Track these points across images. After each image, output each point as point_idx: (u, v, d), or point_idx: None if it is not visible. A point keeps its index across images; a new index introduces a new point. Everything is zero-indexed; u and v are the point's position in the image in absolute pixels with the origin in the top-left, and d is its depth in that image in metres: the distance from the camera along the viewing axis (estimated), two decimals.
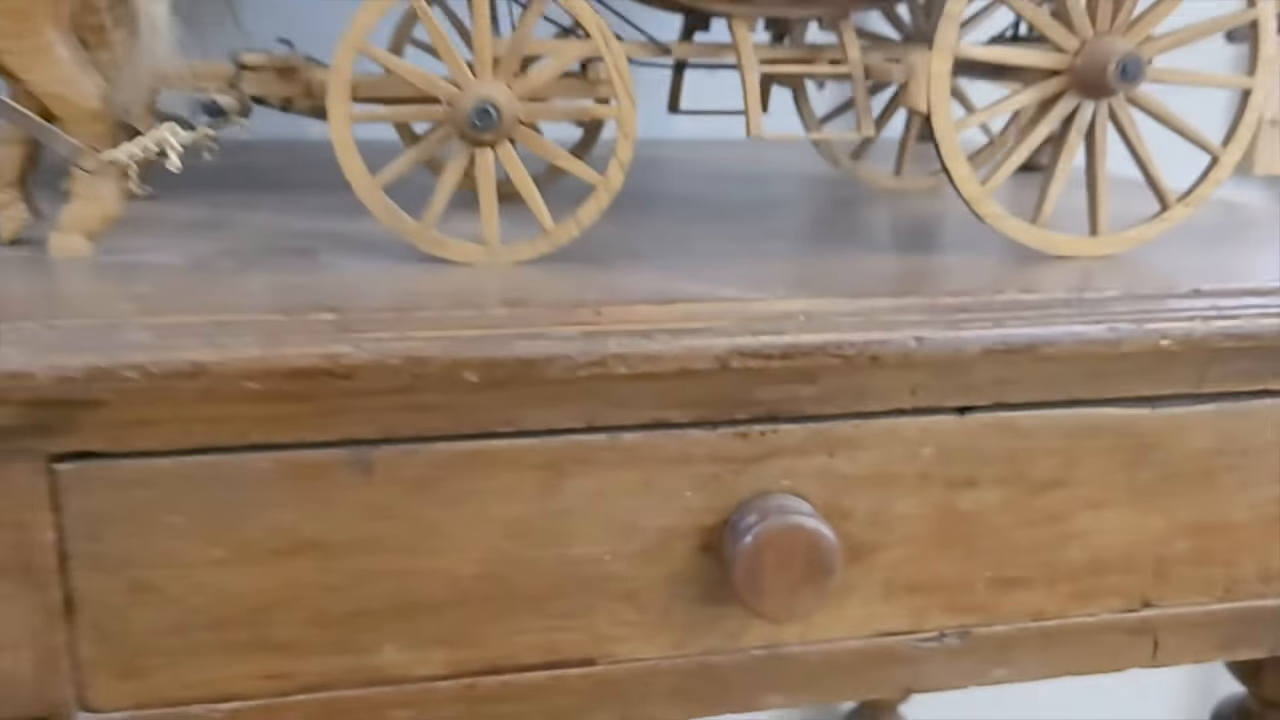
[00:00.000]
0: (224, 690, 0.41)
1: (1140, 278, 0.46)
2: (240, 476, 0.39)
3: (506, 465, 0.41)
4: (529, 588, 0.42)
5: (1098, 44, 0.46)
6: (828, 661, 0.46)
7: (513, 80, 0.43)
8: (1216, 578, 0.49)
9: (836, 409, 0.43)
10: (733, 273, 0.45)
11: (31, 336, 0.36)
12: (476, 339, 0.38)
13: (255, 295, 0.40)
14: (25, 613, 0.38)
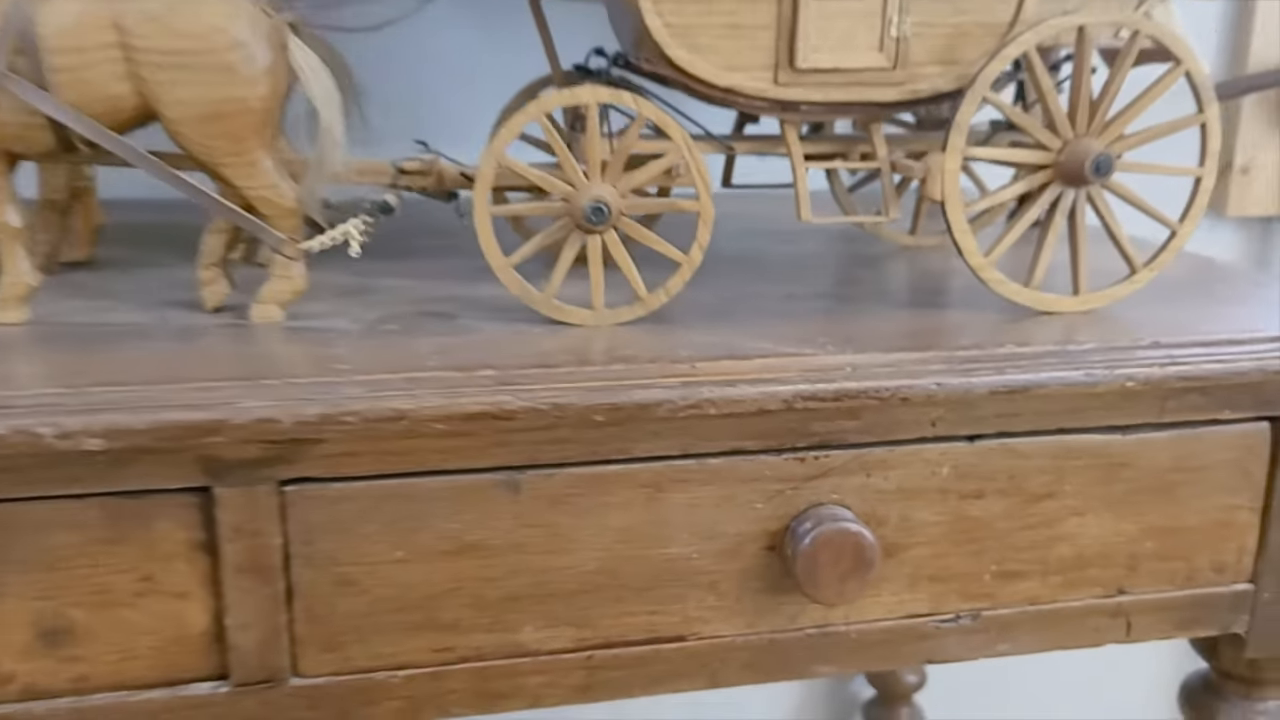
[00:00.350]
0: (401, 661, 0.53)
1: (1112, 330, 0.58)
2: (419, 495, 0.51)
3: (620, 484, 0.52)
4: (635, 580, 0.54)
5: (1077, 145, 0.58)
6: (866, 638, 0.58)
7: (617, 181, 0.56)
8: (1178, 570, 0.61)
9: (873, 438, 0.55)
10: (791, 331, 0.57)
11: (272, 390, 0.48)
12: (603, 389, 0.50)
13: (425, 355, 0.52)
14: (257, 600, 0.50)
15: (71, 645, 0.49)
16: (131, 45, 0.51)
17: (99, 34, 0.51)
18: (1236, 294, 0.68)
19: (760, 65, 0.58)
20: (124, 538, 0.49)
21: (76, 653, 0.49)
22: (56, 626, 0.49)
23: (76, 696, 0.50)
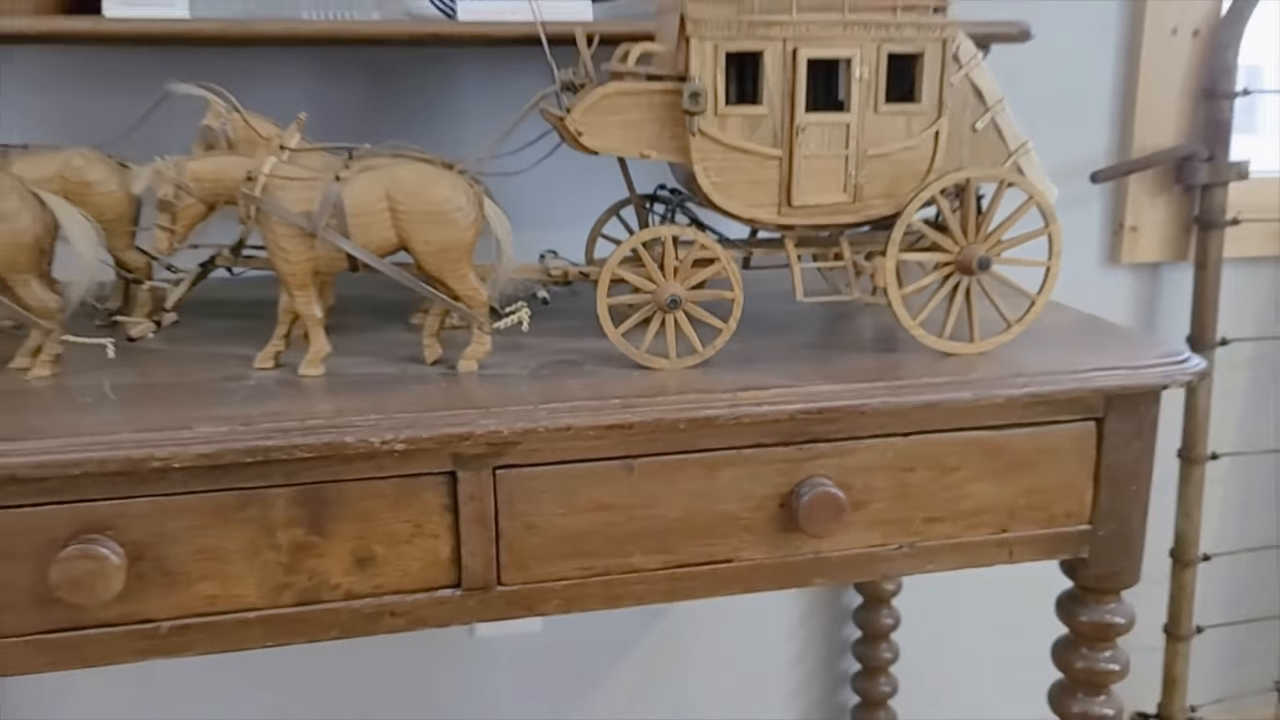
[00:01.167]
0: (560, 575, 0.87)
1: (993, 365, 0.93)
2: (574, 474, 0.85)
3: (691, 466, 0.87)
4: (700, 524, 0.88)
5: (968, 249, 0.93)
6: (844, 560, 0.92)
7: (684, 281, 0.90)
8: (1041, 516, 0.96)
9: (844, 435, 0.89)
10: (792, 368, 0.91)
11: (491, 414, 0.82)
12: (681, 408, 0.84)
13: (574, 390, 0.87)
14: (479, 540, 0.84)
15: (373, 567, 0.84)
16: (396, 209, 0.86)
17: (378, 203, 0.86)
18: (1079, 339, 1.02)
19: (769, 203, 0.93)
20: (405, 503, 0.83)
21: (376, 571, 0.84)
22: (366, 556, 0.84)
23: (374, 598, 0.84)
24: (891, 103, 0.93)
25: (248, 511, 0.81)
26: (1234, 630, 1.68)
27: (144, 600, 0.81)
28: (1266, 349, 1.60)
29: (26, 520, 0.77)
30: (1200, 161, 1.45)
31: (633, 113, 0.91)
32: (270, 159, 0.87)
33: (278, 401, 0.83)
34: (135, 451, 0.76)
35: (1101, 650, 1.03)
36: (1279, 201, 1.53)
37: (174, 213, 0.86)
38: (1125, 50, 1.45)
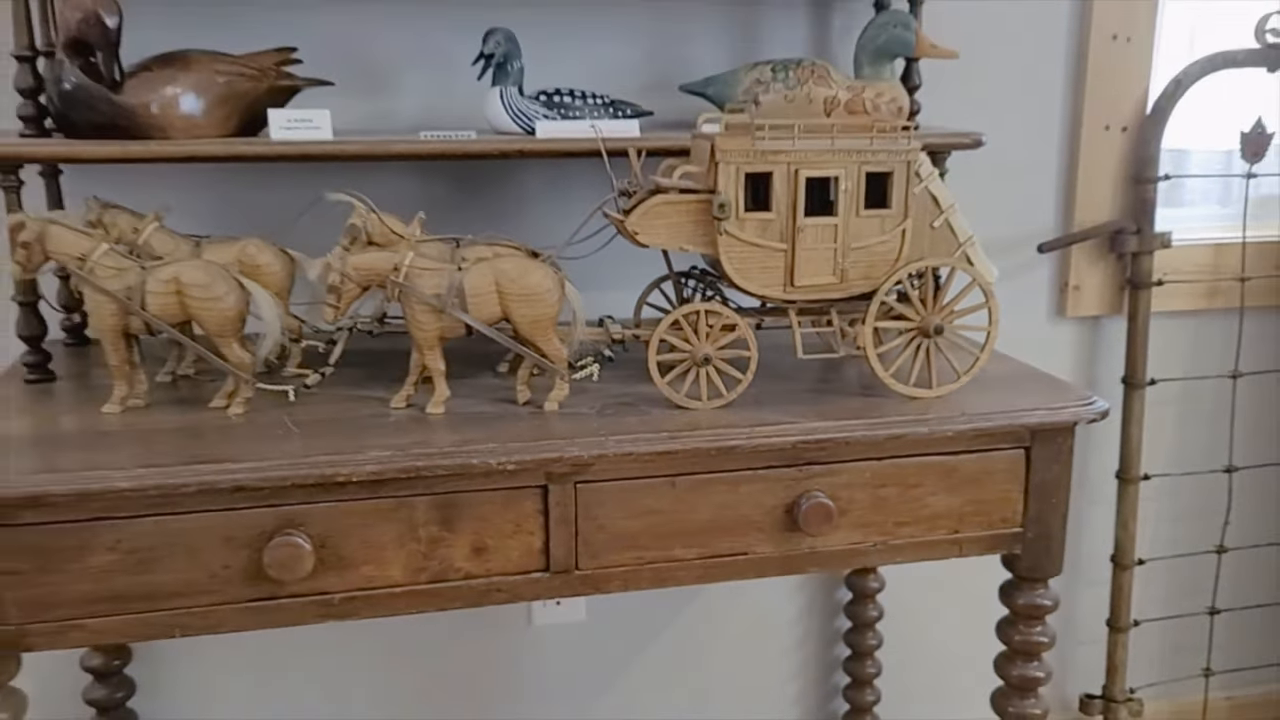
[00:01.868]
0: (620, 563, 1.17)
1: (947, 406, 1.23)
2: (633, 488, 1.15)
3: (719, 482, 1.17)
4: (724, 525, 1.19)
5: (927, 318, 1.24)
6: (833, 554, 1.22)
7: (714, 343, 1.21)
8: (983, 521, 1.26)
9: (834, 459, 1.20)
10: (794, 409, 1.21)
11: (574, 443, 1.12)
12: (713, 439, 1.15)
13: (632, 425, 1.17)
14: (562, 536, 1.15)
15: (486, 556, 1.14)
16: (502, 291, 1.17)
17: (488, 287, 1.17)
18: (1013, 386, 1.32)
19: (777, 283, 1.23)
20: (510, 508, 1.13)
21: (488, 558, 1.14)
22: (481, 547, 1.14)
23: (485, 578, 1.15)
24: (869, 209, 1.23)
25: (398, 514, 1.11)
26: (1166, 624, 1.98)
27: (323, 578, 1.11)
28: (1189, 387, 1.90)
29: (245, 518, 1.08)
30: (1130, 234, 1.76)
31: (675, 217, 1.22)
32: (410, 254, 1.17)
33: (418, 433, 1.14)
34: (326, 470, 1.07)
35: (1034, 626, 1.33)
36: (1198, 265, 1.84)
37: (339, 294, 1.17)
38: (1068, 143, 1.76)
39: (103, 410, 1.19)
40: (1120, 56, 1.73)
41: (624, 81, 1.56)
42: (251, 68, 1.33)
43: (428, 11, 1.50)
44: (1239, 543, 1.96)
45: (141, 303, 1.14)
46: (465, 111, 1.51)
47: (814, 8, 1.61)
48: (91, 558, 1.05)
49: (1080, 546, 1.93)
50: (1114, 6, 1.70)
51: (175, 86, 1.27)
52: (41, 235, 1.14)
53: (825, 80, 1.45)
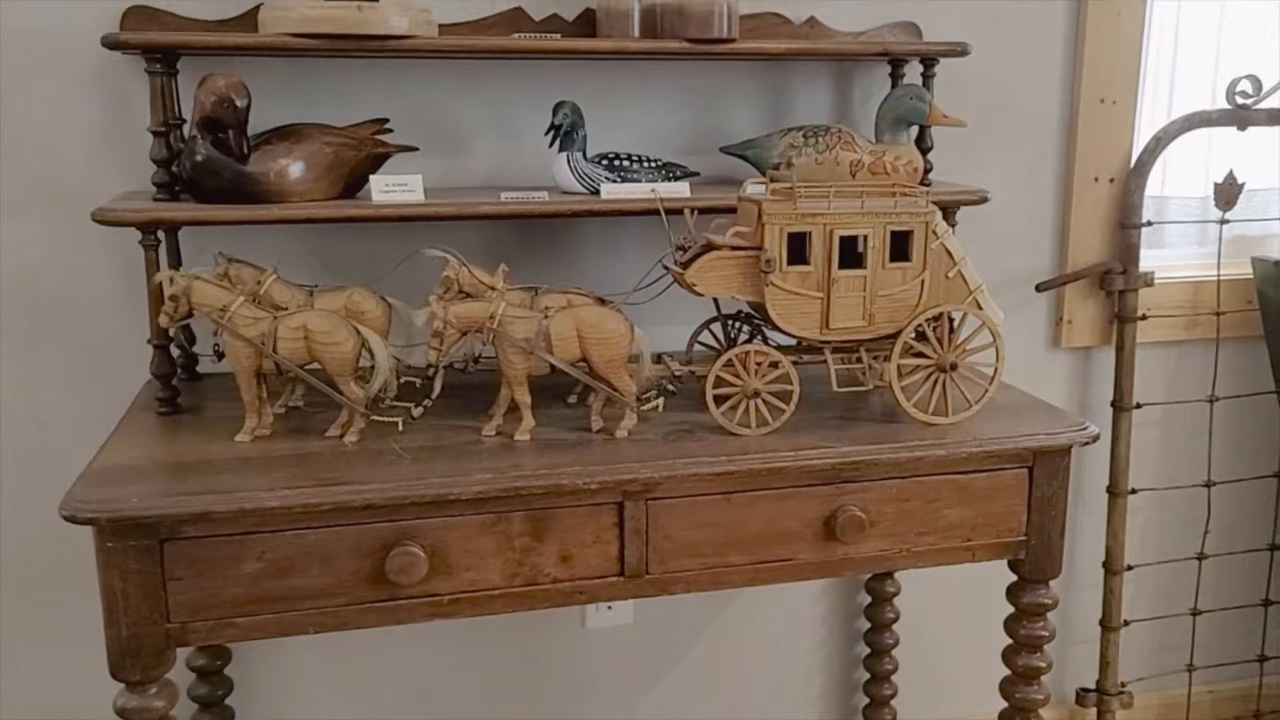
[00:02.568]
0: (686, 568, 1.36)
1: (961, 432, 1.43)
2: (698, 504, 1.35)
3: (767, 498, 1.37)
4: (771, 536, 1.38)
5: (943, 356, 1.44)
6: (864, 559, 1.42)
7: (761, 378, 1.40)
8: (993, 530, 1.45)
9: (865, 478, 1.39)
10: (831, 434, 1.41)
11: (646, 465, 1.32)
12: (762, 461, 1.34)
13: (694, 449, 1.36)
14: (635, 545, 1.34)
15: (570, 563, 1.33)
16: (582, 336, 1.36)
17: (570, 332, 1.36)
18: (1018, 413, 1.52)
19: (815, 327, 1.43)
20: (591, 521, 1.32)
21: (572, 565, 1.33)
22: (566, 555, 1.33)
23: (570, 581, 1.33)
24: (893, 262, 1.43)
25: (497, 527, 1.30)
26: (1153, 624, 2.17)
27: (434, 582, 1.29)
28: (1172, 410, 2.11)
29: (370, 531, 1.27)
30: (1117, 274, 1.96)
31: (727, 270, 1.42)
32: (503, 304, 1.37)
33: (511, 458, 1.33)
34: (439, 490, 1.26)
35: (1037, 622, 1.53)
36: (1178, 301, 2.04)
37: (442, 338, 1.36)
38: (1061, 194, 1.96)
39: (235, 439, 1.38)
40: (1106, 117, 1.93)
41: (671, 143, 1.76)
42: (353, 138, 1.53)
43: (498, 85, 1.70)
44: (1218, 550, 2.16)
45: (273, 346, 1.34)
46: (530, 170, 1.71)
47: (835, 79, 1.81)
48: (242, 566, 1.24)
49: (1075, 554, 2.13)
50: (1101, 73, 1.91)
51: (290, 157, 1.46)
52: (188, 290, 1.34)
53: (851, 145, 1.65)
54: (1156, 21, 2.00)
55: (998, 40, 1.86)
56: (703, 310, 1.58)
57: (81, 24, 1.55)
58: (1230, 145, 2.03)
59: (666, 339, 1.65)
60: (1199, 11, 2.04)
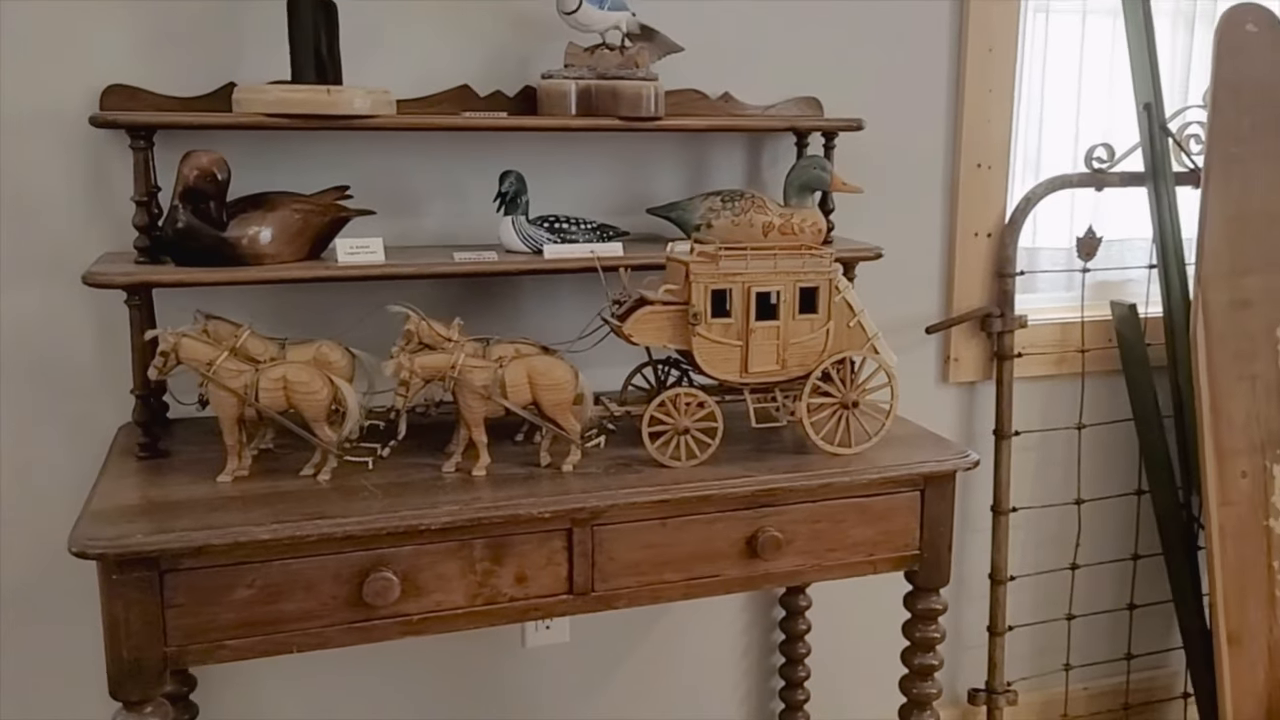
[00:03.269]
0: (627, 586, 1.55)
1: (862, 461, 1.65)
2: (635, 528, 1.54)
3: (698, 521, 1.56)
4: (701, 554, 1.57)
5: (846, 395, 1.66)
6: (782, 574, 1.62)
7: (690, 416, 1.60)
8: (891, 545, 1.67)
9: (780, 502, 1.60)
10: (750, 465, 1.61)
11: (593, 494, 1.50)
12: (695, 489, 1.54)
13: (633, 480, 1.55)
14: (582, 565, 1.52)
15: (526, 584, 1.50)
16: (533, 382, 1.54)
17: (523, 379, 1.54)
18: (911, 444, 1.74)
19: (736, 371, 1.64)
20: (544, 546, 1.50)
21: (528, 586, 1.50)
22: (522, 576, 1.50)
23: (526, 600, 1.51)
24: (802, 314, 1.65)
25: (461, 553, 1.47)
26: (1034, 629, 2.43)
27: (405, 604, 1.45)
28: (1046, 436, 2.37)
29: (349, 560, 1.42)
30: (996, 317, 2.22)
31: (658, 322, 1.62)
32: (462, 355, 1.54)
33: (471, 491, 1.50)
34: (411, 521, 1.42)
35: (929, 625, 1.75)
36: (1049, 340, 2.31)
37: (408, 386, 1.53)
38: (946, 248, 2.22)
39: (218, 479, 1.52)
40: (983, 181, 2.20)
41: (604, 205, 1.96)
42: (317, 205, 1.69)
43: (448, 153, 1.88)
44: (1088, 560, 2.42)
45: (255, 395, 1.49)
46: (477, 230, 1.89)
47: (748, 148, 2.04)
48: (235, 593, 1.39)
49: (965, 567, 2.37)
50: (977, 143, 2.17)
51: (263, 224, 1.61)
52: (176, 346, 1.48)
53: (763, 208, 1.87)
54: (1025, 97, 2.28)
55: (889, 114, 2.11)
56: (636, 355, 1.77)
57: (64, 99, 1.69)
58: (1092, 202, 2.32)
59: (604, 381, 1.83)
60: (1061, 87, 2.32)
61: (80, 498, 1.53)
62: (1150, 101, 2.20)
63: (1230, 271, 2.18)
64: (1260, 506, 2.23)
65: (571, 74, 1.79)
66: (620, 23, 1.80)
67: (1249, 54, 2.19)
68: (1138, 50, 2.20)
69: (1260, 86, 2.19)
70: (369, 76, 1.77)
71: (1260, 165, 2.19)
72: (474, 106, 1.83)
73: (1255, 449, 2.22)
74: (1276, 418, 2.23)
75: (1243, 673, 2.23)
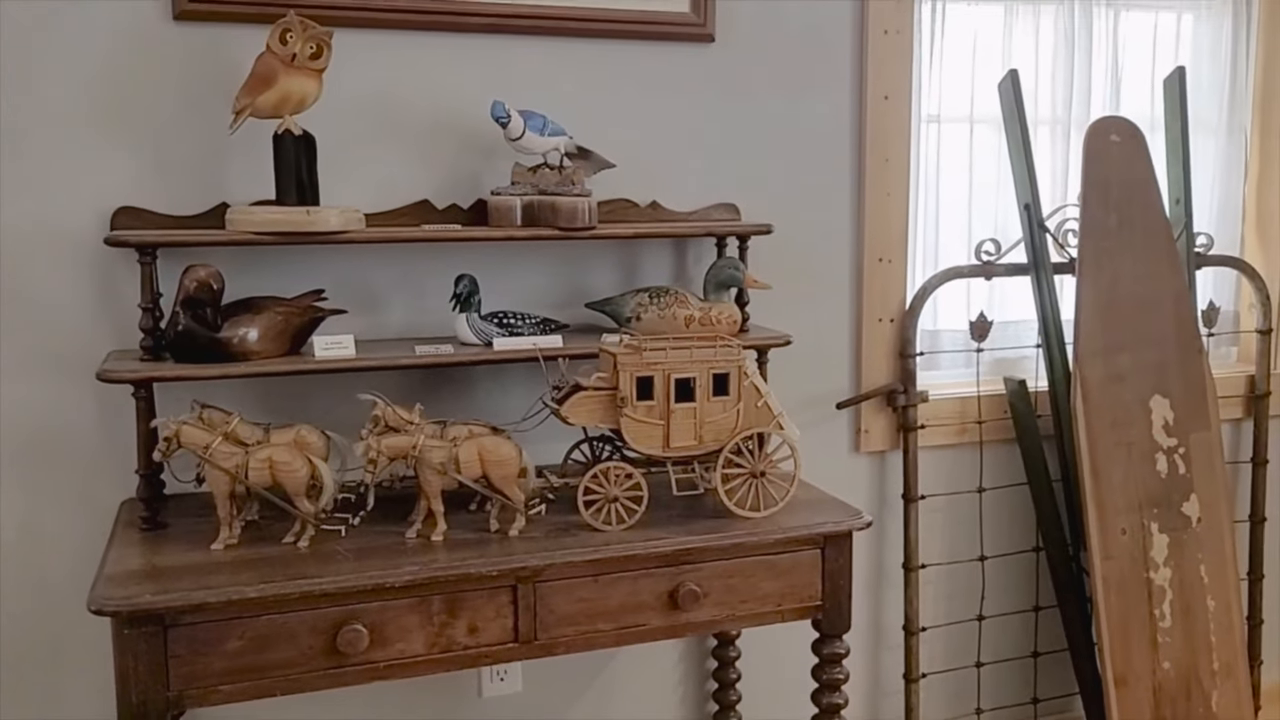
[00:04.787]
0: (565, 635, 1.79)
1: (770, 523, 1.91)
2: (572, 585, 1.79)
3: (625, 578, 1.81)
4: (630, 606, 1.82)
5: (755, 465, 1.92)
6: (701, 624, 1.87)
7: (619, 486, 1.86)
8: (797, 597, 1.93)
9: (698, 560, 1.85)
10: (672, 528, 1.87)
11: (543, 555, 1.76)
12: (623, 550, 1.79)
13: (570, 543, 1.80)
14: (526, 620, 1.77)
15: (477, 633, 1.74)
16: (483, 458, 1.80)
17: (474, 456, 1.80)
18: (813, 508, 2.01)
19: (659, 446, 1.90)
20: (492, 600, 1.75)
21: (479, 636, 1.75)
22: (473, 627, 1.74)
23: (478, 648, 1.75)
24: (715, 396, 1.92)
25: (420, 607, 1.71)
26: (946, 675, 2.67)
27: (373, 652, 1.69)
28: (951, 500, 2.64)
29: (325, 614, 1.66)
30: (900, 393, 2.50)
31: (591, 406, 1.88)
32: (421, 437, 1.80)
33: (430, 554, 1.75)
34: (378, 580, 1.67)
35: (834, 667, 2.00)
36: (949, 413, 2.60)
37: (375, 464, 1.78)
38: (854, 331, 2.50)
39: (211, 547, 1.76)
40: (885, 273, 2.50)
41: (546, 301, 2.23)
42: (296, 306, 1.95)
43: (409, 258, 2.15)
44: (993, 611, 2.68)
45: (245, 474, 1.74)
46: (434, 323, 2.16)
47: (674, 249, 2.33)
48: (227, 644, 1.62)
49: (882, 619, 2.62)
50: (879, 239, 2.47)
51: (251, 325, 1.87)
52: (178, 433, 1.73)
53: (685, 303, 2.15)
54: (921, 197, 2.59)
55: (800, 215, 2.41)
56: (574, 433, 2.04)
57: (78, 218, 1.95)
58: (986, 288, 2.62)
59: (546, 455, 2.09)
60: (954, 188, 2.64)
61: (83, 564, 1.76)
62: (1029, 202, 2.51)
63: (1104, 349, 2.48)
64: (1140, 560, 2.51)
65: (517, 191, 2.07)
66: (559, 145, 2.10)
67: (1113, 160, 2.51)
68: (1017, 157, 2.52)
69: (1124, 188, 2.51)
70: (341, 193, 2.05)
71: (1126, 256, 2.50)
72: (433, 218, 2.11)
73: (1133, 508, 2.50)
74: (1151, 480, 2.52)
75: (1130, 712, 2.49)
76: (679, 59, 2.29)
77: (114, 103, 1.97)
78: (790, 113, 2.39)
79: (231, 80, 1.92)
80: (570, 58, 2.21)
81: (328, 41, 1.90)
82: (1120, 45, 2.72)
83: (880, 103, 2.44)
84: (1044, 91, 2.67)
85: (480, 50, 2.15)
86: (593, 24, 2.20)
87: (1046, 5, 2.64)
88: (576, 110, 2.18)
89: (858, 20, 2.41)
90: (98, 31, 1.94)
